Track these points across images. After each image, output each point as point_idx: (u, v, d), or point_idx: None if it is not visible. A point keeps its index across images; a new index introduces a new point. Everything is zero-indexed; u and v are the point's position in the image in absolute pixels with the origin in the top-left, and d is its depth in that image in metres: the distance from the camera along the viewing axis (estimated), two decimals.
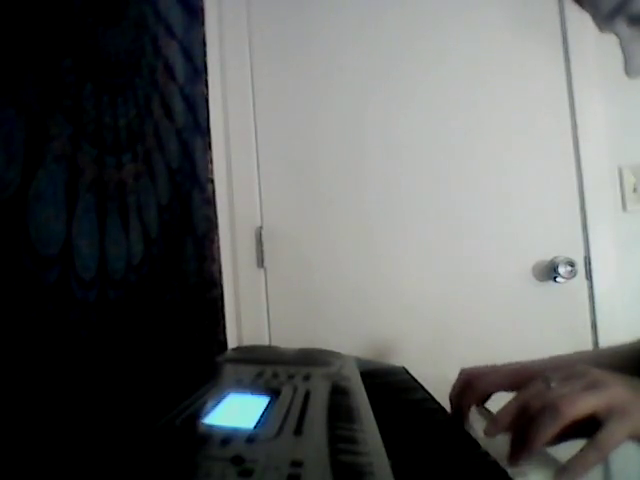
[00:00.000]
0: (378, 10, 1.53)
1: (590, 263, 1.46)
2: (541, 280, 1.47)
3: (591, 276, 1.46)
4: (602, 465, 0.44)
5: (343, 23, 1.54)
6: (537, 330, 1.43)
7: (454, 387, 0.65)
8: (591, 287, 1.46)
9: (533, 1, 1.47)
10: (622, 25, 0.55)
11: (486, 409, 0.63)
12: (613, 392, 0.45)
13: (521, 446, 0.45)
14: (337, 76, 1.53)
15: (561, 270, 1.43)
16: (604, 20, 0.56)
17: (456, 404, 0.63)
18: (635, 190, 1.48)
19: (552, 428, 0.44)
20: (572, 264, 1.43)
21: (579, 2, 0.59)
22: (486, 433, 0.49)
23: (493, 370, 0.63)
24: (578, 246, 1.47)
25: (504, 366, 0.64)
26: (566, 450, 0.45)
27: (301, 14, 1.55)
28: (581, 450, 0.43)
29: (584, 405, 0.44)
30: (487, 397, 0.63)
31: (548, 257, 1.46)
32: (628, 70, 0.56)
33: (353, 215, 1.51)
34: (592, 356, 0.74)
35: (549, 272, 1.45)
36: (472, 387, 0.62)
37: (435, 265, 1.49)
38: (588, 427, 0.44)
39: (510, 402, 0.50)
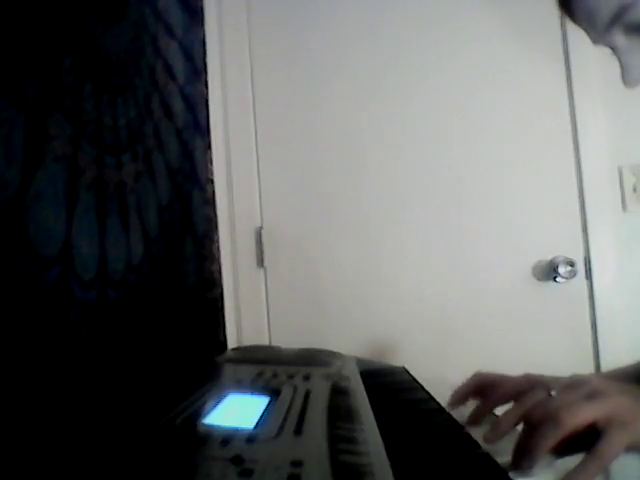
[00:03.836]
0: (379, 10, 1.53)
1: (590, 263, 1.46)
2: (541, 280, 1.47)
3: (591, 276, 1.46)
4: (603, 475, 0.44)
5: (343, 23, 1.54)
6: (537, 330, 1.43)
7: (467, 386, 0.64)
8: (591, 287, 1.46)
9: (534, 3, 1.47)
10: (619, 36, 0.55)
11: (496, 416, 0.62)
12: (613, 401, 0.45)
13: (523, 455, 0.45)
14: (337, 76, 1.53)
15: (561, 270, 1.43)
16: (600, 32, 0.56)
17: (464, 401, 0.63)
18: (635, 190, 1.48)
19: (553, 438, 0.44)
20: (572, 264, 1.43)
21: (573, 18, 0.59)
22: (486, 440, 0.49)
23: (515, 378, 0.61)
24: (578, 246, 1.47)
25: (521, 376, 0.62)
26: (566, 461, 0.45)
27: (301, 14, 1.55)
28: (581, 462, 0.43)
29: (584, 415, 0.44)
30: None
31: (548, 257, 1.46)
32: (626, 80, 0.56)
33: (353, 215, 1.51)
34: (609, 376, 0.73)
35: (549, 272, 1.45)
36: (495, 391, 0.60)
37: (435, 265, 1.49)
38: (590, 439, 0.44)
39: (510, 410, 0.49)
